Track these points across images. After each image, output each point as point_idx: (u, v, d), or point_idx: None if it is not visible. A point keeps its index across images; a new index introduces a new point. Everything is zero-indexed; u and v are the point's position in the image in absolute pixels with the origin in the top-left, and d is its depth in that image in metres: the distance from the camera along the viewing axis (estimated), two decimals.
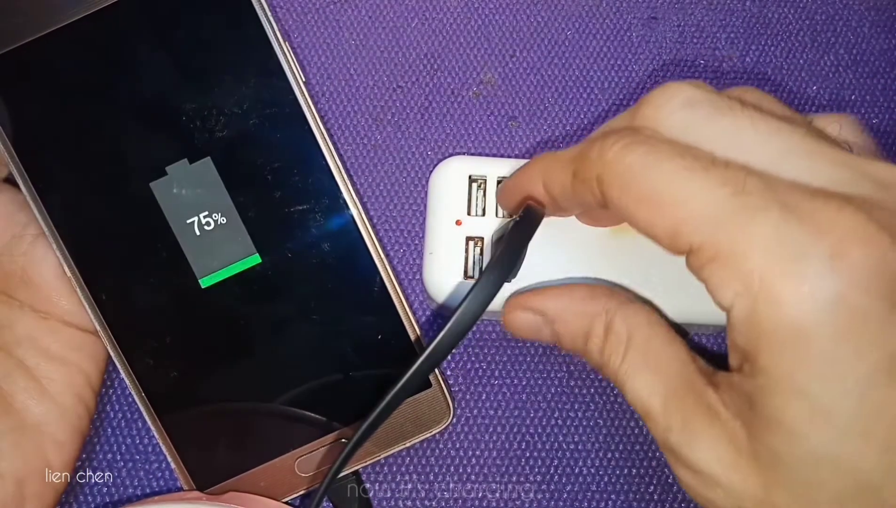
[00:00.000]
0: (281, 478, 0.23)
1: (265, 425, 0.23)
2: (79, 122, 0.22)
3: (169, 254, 0.23)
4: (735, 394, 0.16)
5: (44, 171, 0.22)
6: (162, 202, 0.23)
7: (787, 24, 0.28)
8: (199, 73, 0.23)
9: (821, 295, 0.13)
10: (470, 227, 0.23)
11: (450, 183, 0.24)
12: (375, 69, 0.27)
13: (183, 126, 0.23)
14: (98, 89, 0.22)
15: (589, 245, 0.23)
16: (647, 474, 0.24)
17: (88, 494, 0.24)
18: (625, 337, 0.18)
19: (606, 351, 0.19)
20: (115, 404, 0.24)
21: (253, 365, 0.23)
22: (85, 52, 0.22)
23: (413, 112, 0.27)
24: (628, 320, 0.19)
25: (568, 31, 0.28)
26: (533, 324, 0.21)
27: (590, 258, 0.23)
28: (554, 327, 0.20)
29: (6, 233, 0.22)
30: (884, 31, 0.28)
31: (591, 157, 0.17)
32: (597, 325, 0.19)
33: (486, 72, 0.27)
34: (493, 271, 0.19)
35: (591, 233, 0.23)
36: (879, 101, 0.28)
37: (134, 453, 0.24)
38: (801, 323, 0.14)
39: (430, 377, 0.23)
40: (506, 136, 0.27)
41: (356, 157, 0.27)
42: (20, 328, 0.22)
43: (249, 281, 0.23)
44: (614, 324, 0.19)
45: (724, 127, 0.16)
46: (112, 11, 0.22)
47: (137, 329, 0.23)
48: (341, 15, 0.28)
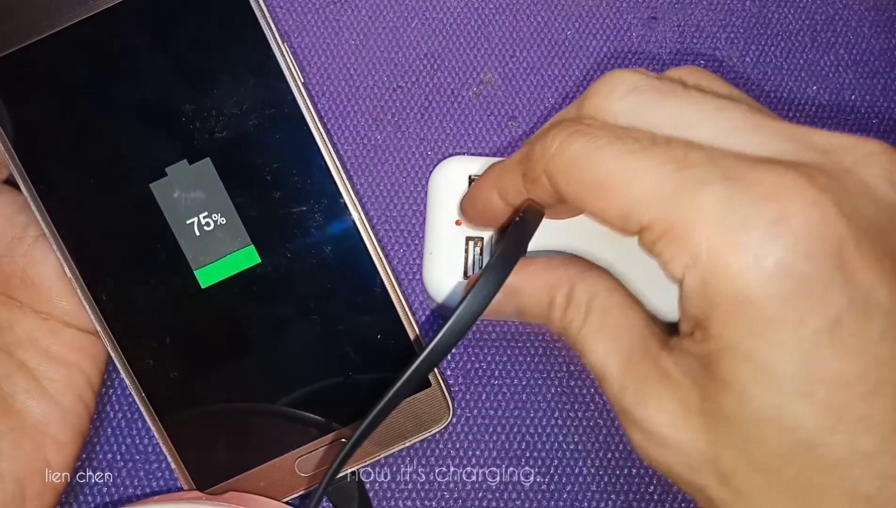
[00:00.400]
0: (281, 478, 0.23)
1: (265, 425, 0.23)
2: (78, 124, 0.22)
3: (169, 255, 0.23)
4: (687, 358, 0.16)
5: (44, 173, 0.22)
6: (162, 203, 0.23)
7: (787, 24, 0.28)
8: (198, 75, 0.23)
9: (764, 262, 0.14)
10: (470, 227, 0.23)
11: (450, 183, 0.24)
12: (375, 69, 0.27)
13: (182, 127, 0.23)
14: (98, 91, 0.22)
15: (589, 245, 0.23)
16: (647, 474, 0.24)
17: (88, 494, 0.24)
18: (584, 303, 0.19)
19: (567, 317, 0.19)
20: (115, 404, 0.24)
21: (252, 365, 0.23)
22: (84, 54, 0.22)
23: (413, 112, 0.27)
24: (588, 287, 0.19)
25: (568, 31, 0.28)
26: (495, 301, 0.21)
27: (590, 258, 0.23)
28: (516, 300, 0.20)
29: (6, 235, 0.23)
30: (884, 31, 0.28)
31: (536, 156, 0.17)
32: (558, 294, 0.19)
33: (486, 72, 0.27)
34: (493, 271, 0.19)
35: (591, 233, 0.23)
36: (879, 101, 0.28)
37: (134, 453, 0.24)
38: (746, 291, 0.14)
39: (430, 376, 0.23)
40: (506, 136, 0.27)
41: (356, 157, 0.27)
42: (21, 329, 0.22)
43: (249, 281, 0.23)
44: (575, 292, 0.19)
45: (669, 109, 0.16)
46: (111, 14, 0.22)
47: (138, 329, 0.23)
48: (341, 15, 0.28)
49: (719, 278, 0.14)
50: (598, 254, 0.23)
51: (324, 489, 0.21)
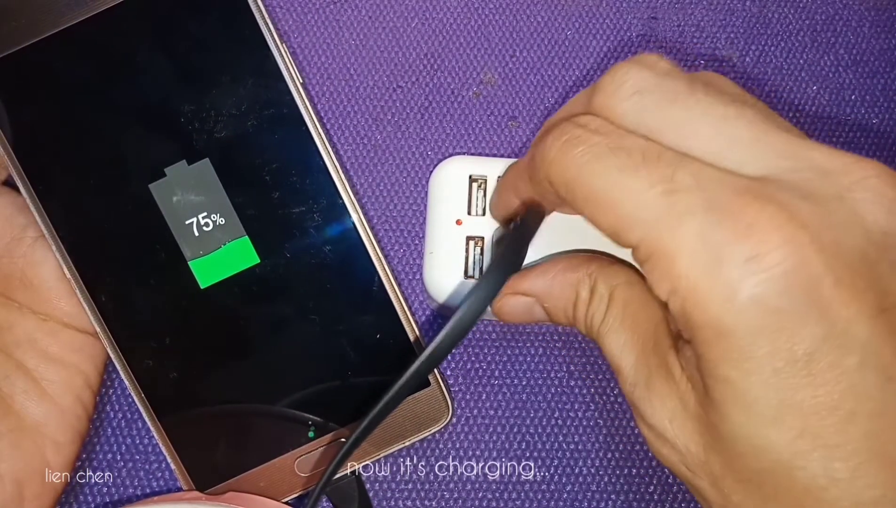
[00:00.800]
0: (280, 478, 0.23)
1: (264, 425, 0.23)
2: (78, 125, 0.22)
3: (168, 256, 0.23)
4: (688, 361, 0.16)
5: (43, 174, 0.22)
6: (161, 203, 0.23)
7: (787, 24, 0.28)
8: (196, 75, 0.23)
9: (738, 297, 0.14)
10: (470, 227, 0.23)
11: (450, 183, 0.24)
12: (375, 69, 0.27)
13: (181, 128, 0.23)
14: (96, 91, 0.22)
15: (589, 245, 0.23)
16: (647, 474, 0.24)
17: (88, 494, 0.24)
18: (606, 296, 0.19)
19: (590, 312, 0.19)
20: (115, 404, 0.24)
21: (252, 366, 0.23)
22: (83, 54, 0.22)
23: (413, 112, 0.27)
24: (609, 281, 0.19)
25: (568, 31, 0.28)
26: (524, 306, 0.21)
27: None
28: (545, 304, 0.21)
29: (6, 236, 0.22)
30: (884, 31, 0.28)
31: (537, 162, 0.18)
32: (582, 290, 0.20)
33: (486, 72, 0.27)
34: (495, 271, 0.19)
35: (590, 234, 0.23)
36: (879, 101, 0.28)
37: (134, 453, 0.24)
38: (721, 323, 0.15)
39: (429, 375, 0.23)
40: (506, 136, 0.27)
41: (356, 157, 0.27)
42: (20, 330, 0.22)
43: (248, 281, 0.23)
44: (598, 286, 0.19)
45: (673, 116, 0.16)
46: (110, 15, 0.22)
47: (137, 330, 0.23)
48: (341, 15, 0.28)
49: (697, 309, 0.15)
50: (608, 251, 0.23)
51: (322, 487, 0.21)
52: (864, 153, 0.27)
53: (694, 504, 0.24)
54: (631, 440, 0.25)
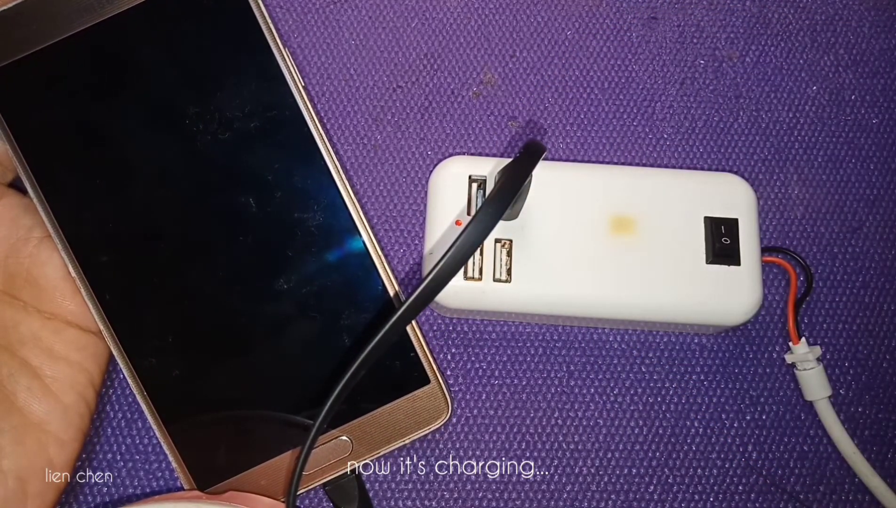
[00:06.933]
0: (281, 477, 0.23)
1: (265, 424, 0.23)
2: (84, 127, 0.23)
3: (171, 256, 0.23)
4: None
5: (50, 175, 0.22)
6: (165, 204, 0.23)
7: (787, 24, 0.28)
8: (200, 79, 0.23)
9: None
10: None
11: (450, 183, 0.24)
12: (375, 69, 0.27)
13: (185, 130, 0.23)
14: (102, 95, 0.23)
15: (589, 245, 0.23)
16: (647, 474, 0.24)
17: (88, 494, 0.24)
18: None
19: None
20: (116, 404, 0.25)
21: (253, 365, 0.23)
22: (89, 59, 0.23)
23: (413, 112, 0.27)
24: None
25: (568, 31, 0.28)
26: None
27: (590, 257, 0.23)
28: None
29: (12, 236, 0.23)
30: (884, 31, 0.28)
31: None
32: None
33: (486, 72, 0.27)
34: (491, 204, 0.19)
35: (591, 233, 0.23)
36: (879, 101, 0.28)
37: (134, 453, 0.24)
38: None
39: (429, 373, 0.24)
40: (506, 136, 0.27)
41: (356, 158, 0.27)
42: (25, 328, 0.22)
43: (249, 282, 0.23)
44: None
45: None
46: (116, 21, 0.22)
47: (140, 329, 0.23)
48: (341, 15, 0.28)
49: None
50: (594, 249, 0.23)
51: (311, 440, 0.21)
52: (864, 153, 0.27)
53: (694, 504, 0.24)
54: (631, 440, 0.25)
